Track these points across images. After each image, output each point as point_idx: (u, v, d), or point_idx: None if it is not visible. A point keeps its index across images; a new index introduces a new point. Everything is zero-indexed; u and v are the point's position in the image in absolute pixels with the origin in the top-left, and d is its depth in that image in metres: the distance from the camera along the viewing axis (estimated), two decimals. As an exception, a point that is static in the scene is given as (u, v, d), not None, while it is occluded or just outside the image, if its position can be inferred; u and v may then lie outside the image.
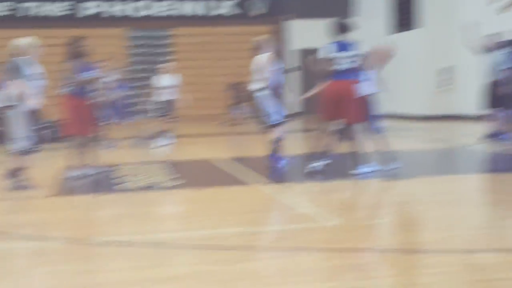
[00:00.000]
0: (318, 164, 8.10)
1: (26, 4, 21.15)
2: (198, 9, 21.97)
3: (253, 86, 9.02)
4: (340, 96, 7.83)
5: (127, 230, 5.59)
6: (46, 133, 14.82)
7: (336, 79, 7.85)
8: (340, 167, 8.28)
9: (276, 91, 9.08)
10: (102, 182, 8.34)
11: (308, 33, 22.10)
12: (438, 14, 17.85)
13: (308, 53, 22.98)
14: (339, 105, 7.83)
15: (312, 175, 8.02)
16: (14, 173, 7.70)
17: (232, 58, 21.40)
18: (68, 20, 21.09)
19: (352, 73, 7.86)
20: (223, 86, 19.40)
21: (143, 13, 21.67)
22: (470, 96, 16.84)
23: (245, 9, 21.97)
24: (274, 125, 8.95)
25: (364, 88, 8.05)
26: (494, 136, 11.25)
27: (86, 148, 8.58)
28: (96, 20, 21.32)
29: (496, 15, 16.07)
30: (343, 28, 8.02)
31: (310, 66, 8.39)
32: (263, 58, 9.02)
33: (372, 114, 8.20)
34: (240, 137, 15.19)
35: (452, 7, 17.79)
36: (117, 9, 21.55)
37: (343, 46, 7.91)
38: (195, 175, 9.06)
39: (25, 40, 7.75)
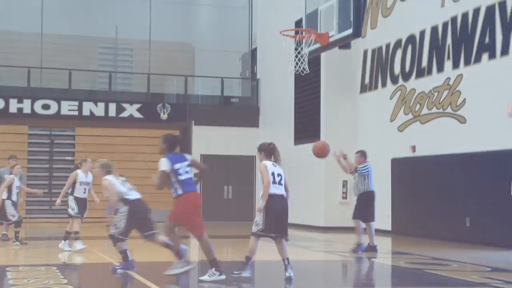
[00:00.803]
0: (213, 275, 8.05)
1: None
2: (103, 110, 21.91)
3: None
4: (198, 207, 8.26)
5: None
6: None
7: (190, 191, 8.12)
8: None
9: None
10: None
11: (211, 140, 22.46)
12: (340, 128, 18.55)
13: (210, 159, 23.42)
14: (195, 214, 8.20)
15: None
16: None
17: (135, 160, 21.34)
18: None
19: (193, 183, 8.24)
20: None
21: (47, 111, 21.39)
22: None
23: (151, 112, 22.12)
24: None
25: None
26: (361, 247, 12.01)
27: None
28: (-1, 116, 20.90)
29: (395, 132, 16.92)
30: (176, 142, 8.50)
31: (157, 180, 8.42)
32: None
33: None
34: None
35: (355, 122, 18.60)
36: (21, 106, 21.20)
37: (179, 158, 8.29)
38: (92, 279, 8.78)
39: None
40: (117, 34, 24.04)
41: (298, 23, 19.35)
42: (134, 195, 9.02)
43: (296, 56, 19.18)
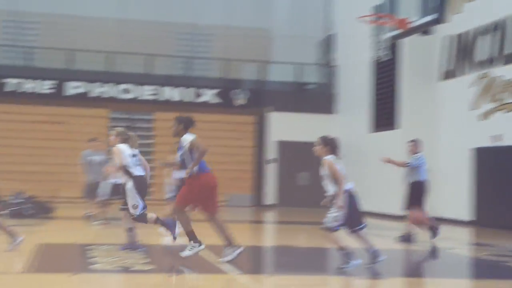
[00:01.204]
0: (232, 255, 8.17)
1: (6, 80, 21.21)
2: (181, 95, 22.26)
3: None
4: (215, 187, 8.41)
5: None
6: (26, 208, 14.77)
7: (207, 171, 8.40)
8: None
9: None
10: (77, 261, 8.19)
11: (287, 126, 22.46)
12: (418, 116, 18.21)
13: (286, 145, 23.43)
14: (211, 196, 8.34)
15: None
16: None
17: (211, 145, 21.52)
18: (53, 98, 21.21)
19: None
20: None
21: (127, 95, 21.92)
22: (450, 199, 17.01)
23: (227, 98, 22.31)
24: None
25: None
26: (406, 238, 11.61)
27: None
28: (80, 99, 21.48)
29: (476, 121, 16.46)
30: (191, 122, 8.78)
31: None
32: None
33: None
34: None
35: (434, 111, 18.20)
36: (101, 90, 21.78)
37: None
38: (172, 259, 8.94)
39: None
40: (195, 19, 24.28)
41: (378, 8, 19.04)
42: (138, 171, 9.15)
43: (375, 42, 18.90)
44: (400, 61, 18.53)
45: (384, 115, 19.42)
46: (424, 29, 17.68)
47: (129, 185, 8.99)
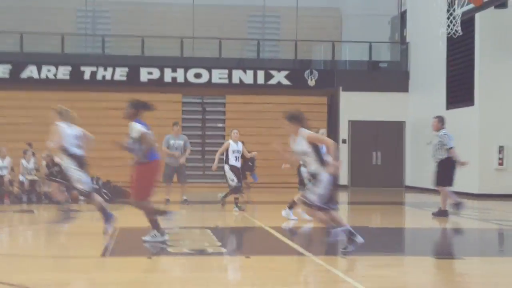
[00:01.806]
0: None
1: (83, 68, 21.73)
2: (252, 78, 22.28)
3: None
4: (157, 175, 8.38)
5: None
6: (103, 193, 15.17)
7: (157, 158, 8.22)
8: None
9: None
10: (153, 244, 8.36)
11: (359, 106, 22.18)
12: (496, 92, 17.70)
13: (359, 124, 23.14)
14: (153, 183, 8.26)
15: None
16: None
17: (284, 127, 21.51)
18: (127, 85, 21.62)
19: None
20: (275, 154, 19.43)
21: (199, 80, 22.10)
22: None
23: (299, 79, 22.20)
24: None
25: None
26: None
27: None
28: (153, 85, 21.81)
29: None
30: (145, 108, 8.28)
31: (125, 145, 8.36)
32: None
33: None
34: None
35: (510, 86, 17.64)
36: (174, 75, 22.03)
37: (147, 126, 8.23)
38: (244, 242, 8.99)
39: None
40: (265, 1, 24.23)
41: (451, -17, 18.50)
42: (79, 151, 9.16)
43: (448, 18, 18.36)
44: (476, 36, 17.99)
45: (460, 91, 18.95)
46: (498, 3, 17.09)
47: (69, 161, 9.01)
